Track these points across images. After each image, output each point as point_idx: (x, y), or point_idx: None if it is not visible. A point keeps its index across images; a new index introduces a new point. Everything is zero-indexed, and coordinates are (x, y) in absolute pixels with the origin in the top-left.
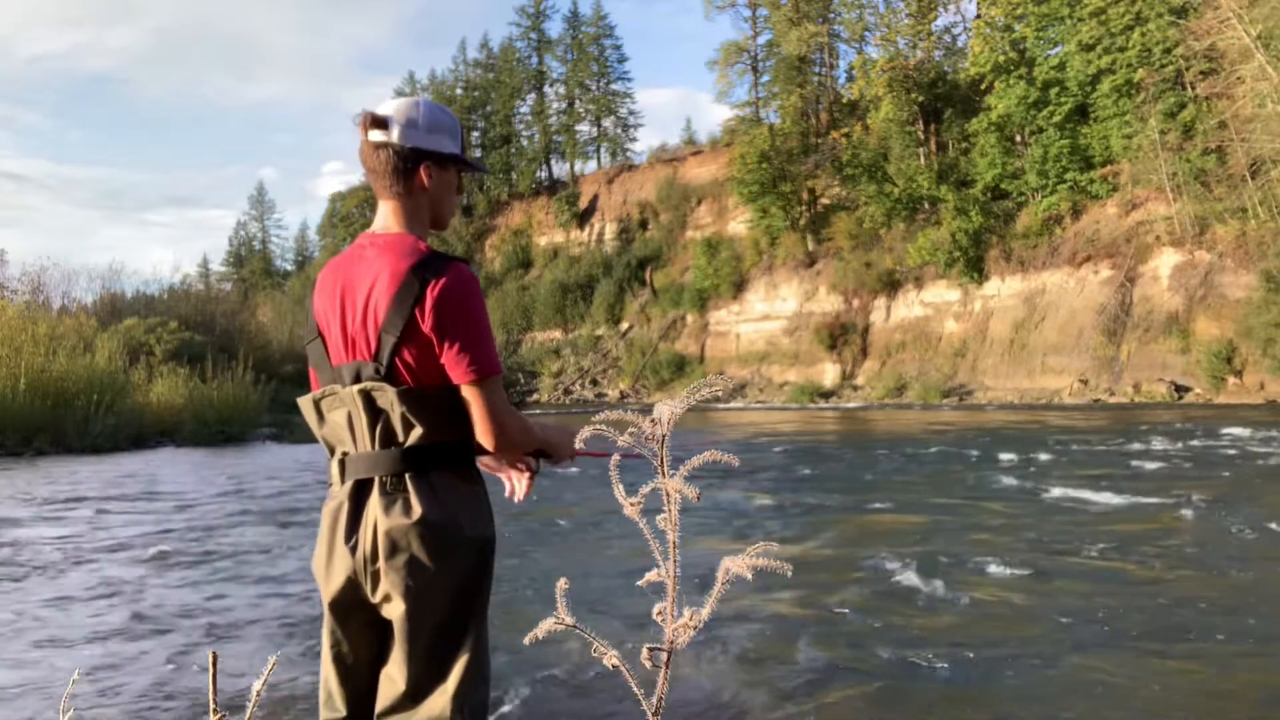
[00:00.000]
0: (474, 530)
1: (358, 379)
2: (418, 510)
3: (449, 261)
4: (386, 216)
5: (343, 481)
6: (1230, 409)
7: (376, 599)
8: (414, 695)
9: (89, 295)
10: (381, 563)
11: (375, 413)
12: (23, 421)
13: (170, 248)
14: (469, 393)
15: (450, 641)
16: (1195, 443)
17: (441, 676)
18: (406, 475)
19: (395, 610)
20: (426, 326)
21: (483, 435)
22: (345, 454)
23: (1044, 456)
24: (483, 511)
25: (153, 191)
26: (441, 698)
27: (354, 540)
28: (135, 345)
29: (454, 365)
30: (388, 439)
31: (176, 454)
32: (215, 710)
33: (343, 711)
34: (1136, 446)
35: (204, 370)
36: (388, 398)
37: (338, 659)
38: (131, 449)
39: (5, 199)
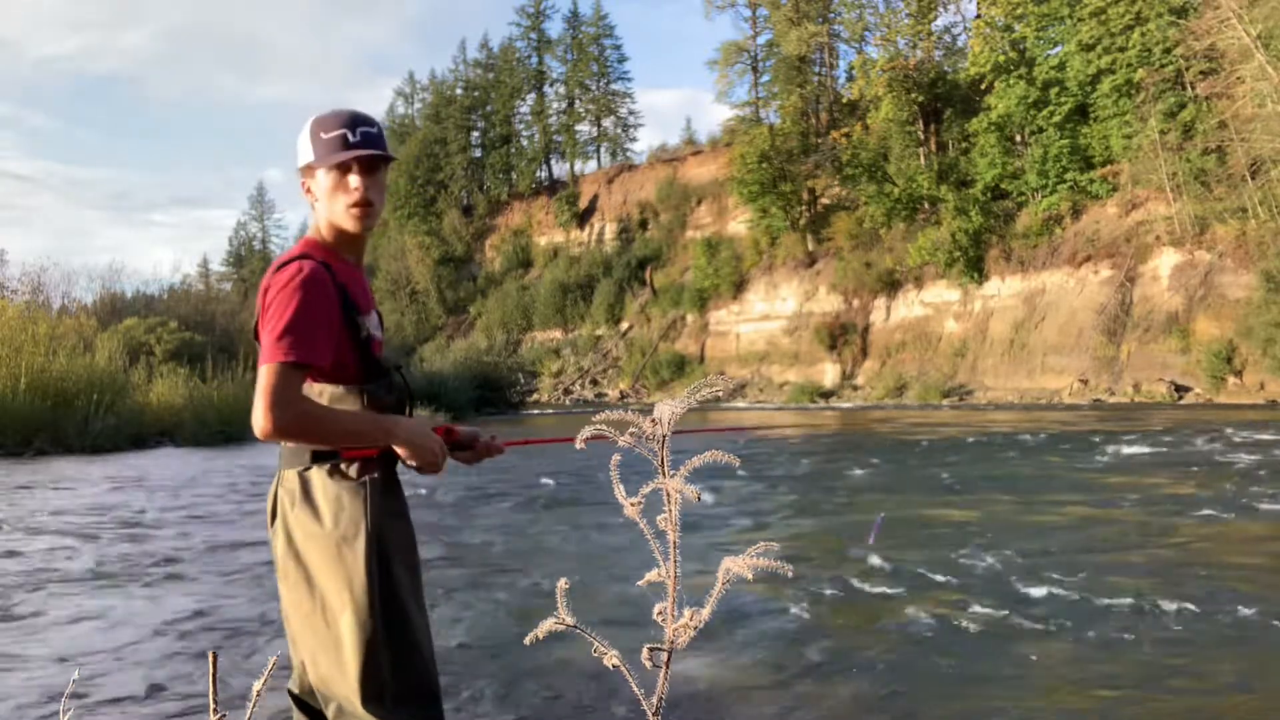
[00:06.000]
0: (340, 526)
1: None
2: (298, 501)
3: (288, 262)
4: None
5: (279, 470)
6: (1230, 409)
7: (280, 584)
8: (324, 681)
9: (89, 295)
10: (280, 551)
11: None
12: (23, 421)
13: (175, 248)
14: (259, 375)
15: (337, 631)
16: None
17: (340, 665)
18: (297, 470)
19: (284, 598)
20: (257, 320)
21: (252, 416)
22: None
23: (1048, 454)
24: (346, 506)
25: (159, 192)
26: (345, 687)
27: (273, 528)
28: (135, 345)
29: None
30: None
31: (177, 454)
32: (215, 710)
33: (296, 689)
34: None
35: (204, 370)
36: None
37: (289, 636)
38: (131, 449)
39: (12, 200)
